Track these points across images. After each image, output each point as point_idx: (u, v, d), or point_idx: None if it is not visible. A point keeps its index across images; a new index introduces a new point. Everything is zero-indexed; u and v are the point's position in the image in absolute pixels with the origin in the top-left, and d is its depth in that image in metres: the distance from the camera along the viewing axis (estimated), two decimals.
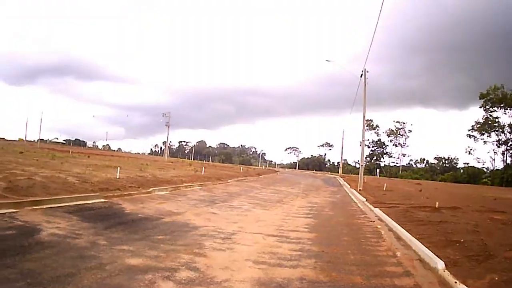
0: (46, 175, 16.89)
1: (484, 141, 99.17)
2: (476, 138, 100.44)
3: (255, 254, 9.26)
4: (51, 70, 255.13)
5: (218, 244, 9.94)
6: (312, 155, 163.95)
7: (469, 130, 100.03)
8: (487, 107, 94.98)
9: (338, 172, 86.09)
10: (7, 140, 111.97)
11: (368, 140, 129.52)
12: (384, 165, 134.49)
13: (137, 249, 8.56)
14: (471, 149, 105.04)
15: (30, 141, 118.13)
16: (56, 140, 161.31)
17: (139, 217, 12.47)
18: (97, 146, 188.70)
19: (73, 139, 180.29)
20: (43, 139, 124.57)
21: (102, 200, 14.74)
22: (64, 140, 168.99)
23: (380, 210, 17.86)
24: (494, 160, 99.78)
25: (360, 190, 32.61)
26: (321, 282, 7.47)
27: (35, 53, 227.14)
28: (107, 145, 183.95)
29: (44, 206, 11.62)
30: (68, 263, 6.99)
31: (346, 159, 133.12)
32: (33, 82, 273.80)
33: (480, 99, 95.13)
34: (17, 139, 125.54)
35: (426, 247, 9.53)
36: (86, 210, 12.36)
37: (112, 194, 15.98)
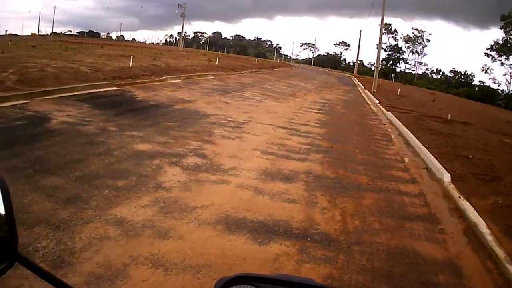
0: (58, 66, 16.48)
1: (502, 63, 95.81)
2: (494, 58, 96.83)
3: (264, 144, 9.25)
4: None
5: (228, 132, 9.93)
6: (327, 53, 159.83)
7: (487, 49, 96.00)
8: (507, 29, 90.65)
9: (353, 72, 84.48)
10: (20, 35, 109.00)
11: (385, 43, 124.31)
12: (400, 70, 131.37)
13: (146, 135, 8.52)
14: (488, 68, 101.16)
15: (43, 35, 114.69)
16: (69, 33, 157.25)
17: (150, 104, 12.37)
18: (111, 37, 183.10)
19: (87, 31, 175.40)
20: (56, 33, 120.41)
21: (114, 88, 14.53)
22: (77, 32, 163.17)
23: (392, 114, 17.60)
24: (510, 83, 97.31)
25: (373, 92, 32.04)
26: (327, 177, 7.49)
27: None
28: (121, 35, 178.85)
29: (55, 96, 11.40)
30: (77, 150, 6.95)
31: (361, 60, 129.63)
32: None
33: (501, 20, 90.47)
34: (30, 34, 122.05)
35: (434, 157, 9.43)
36: (98, 98, 12.19)
37: (124, 82, 15.72)
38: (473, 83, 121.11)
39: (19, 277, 3.33)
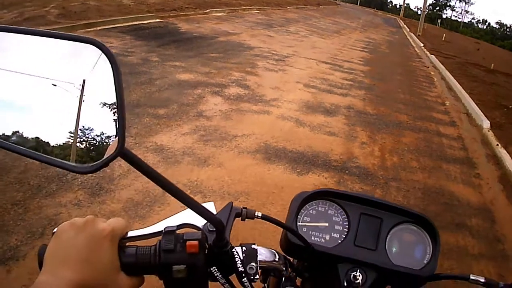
0: None
1: None
2: None
3: (307, 78, 8.95)
4: None
5: (271, 65, 9.61)
6: None
7: None
8: None
9: (399, 15, 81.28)
10: None
11: None
12: (446, 17, 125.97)
13: (189, 65, 8.26)
14: None
15: None
16: None
17: (193, 36, 11.91)
18: None
19: None
20: None
21: (158, 20, 13.92)
22: None
23: (436, 58, 16.84)
24: None
25: (419, 35, 30.74)
26: (367, 113, 7.23)
27: None
28: None
29: (98, 28, 10.78)
30: None
31: (408, 4, 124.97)
32: None
33: None
34: None
35: (475, 104, 9.01)
36: (140, 30, 11.64)
37: (168, 14, 15.06)
38: None
39: (57, 205, 3.34)
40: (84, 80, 0.63)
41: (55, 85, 0.65)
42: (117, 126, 0.56)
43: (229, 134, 5.32)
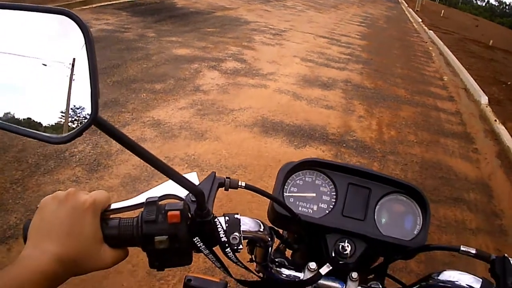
0: None
1: None
2: None
3: (304, 52, 8.87)
4: None
5: (268, 39, 9.51)
6: None
7: None
8: None
9: None
10: None
11: None
12: None
13: (186, 40, 8.17)
14: None
15: None
16: None
17: (190, 11, 11.71)
18: None
19: None
20: None
21: None
22: None
23: (434, 33, 16.74)
24: None
25: (417, 10, 30.50)
26: (365, 87, 7.19)
27: None
28: None
29: (94, 5, 10.43)
30: (115, 56, 6.63)
31: None
32: None
33: None
34: None
35: (473, 79, 8.95)
36: (137, 6, 11.35)
37: None
38: None
39: (55, 182, 3.32)
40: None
41: (25, 57, 0.64)
42: (91, 95, 0.55)
43: (226, 108, 5.30)
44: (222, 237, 0.72)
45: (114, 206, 0.73)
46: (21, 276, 0.58)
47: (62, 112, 0.62)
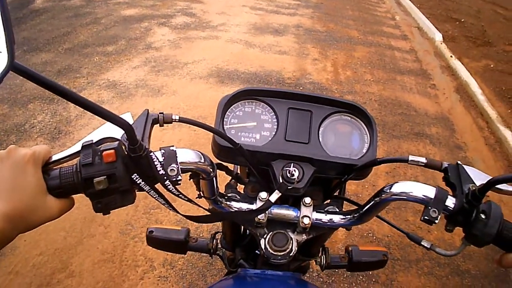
0: None
1: None
2: None
3: (252, 1, 8.77)
4: None
5: None
6: None
7: None
8: None
9: None
10: None
11: None
12: None
13: (133, 0, 7.97)
14: None
15: None
16: None
17: None
18: None
19: None
20: None
21: None
22: None
23: None
24: None
25: None
26: (317, 31, 7.24)
27: None
28: None
29: None
30: (64, 24, 6.49)
31: None
32: None
33: None
34: None
35: (426, 18, 9.04)
36: None
37: None
38: None
39: None
40: None
41: None
42: (6, 41, 0.53)
43: (180, 62, 5.32)
44: (160, 170, 0.72)
45: (55, 157, 0.75)
46: None
47: None
